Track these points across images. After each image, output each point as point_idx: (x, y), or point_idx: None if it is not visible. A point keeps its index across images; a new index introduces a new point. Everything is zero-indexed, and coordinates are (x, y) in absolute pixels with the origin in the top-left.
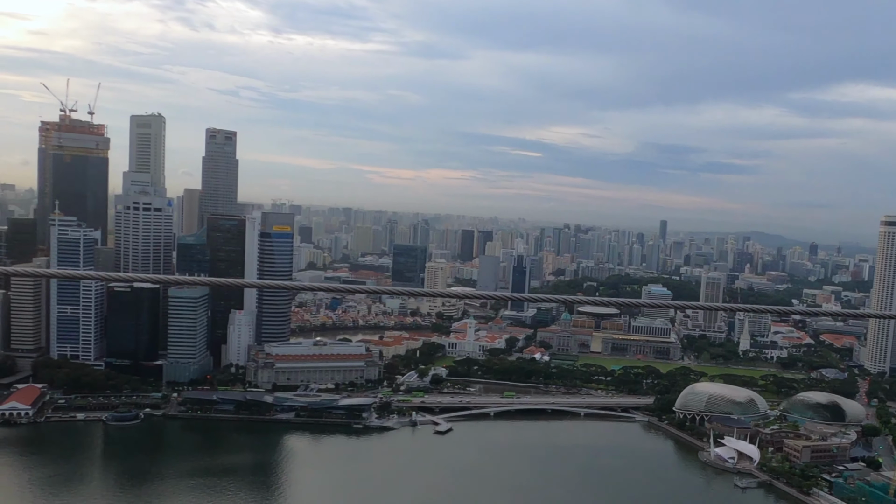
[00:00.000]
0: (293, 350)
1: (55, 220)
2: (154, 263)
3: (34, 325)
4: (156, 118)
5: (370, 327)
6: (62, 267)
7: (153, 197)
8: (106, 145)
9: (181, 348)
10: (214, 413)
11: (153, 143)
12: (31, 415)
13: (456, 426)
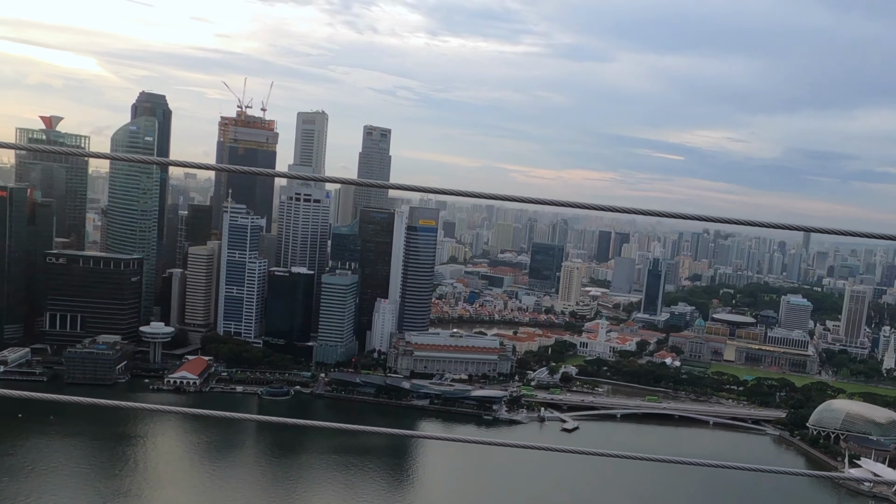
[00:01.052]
0: (431, 340)
1: (227, 208)
2: (311, 251)
3: (205, 303)
4: (319, 115)
5: (505, 322)
6: (232, 250)
7: (313, 189)
8: (275, 140)
9: (330, 332)
10: (356, 395)
11: (316, 138)
12: (197, 384)
13: (582, 425)
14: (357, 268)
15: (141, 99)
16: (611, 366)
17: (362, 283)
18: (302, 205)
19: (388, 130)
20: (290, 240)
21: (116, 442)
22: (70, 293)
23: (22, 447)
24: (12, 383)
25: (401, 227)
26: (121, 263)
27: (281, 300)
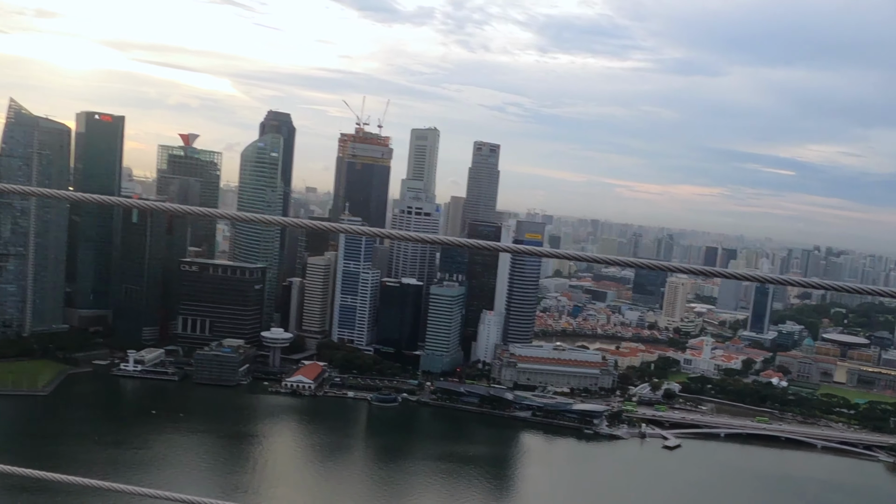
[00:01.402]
0: (535, 352)
1: (344, 220)
2: (420, 263)
3: (321, 310)
4: (432, 131)
5: (608, 337)
6: (347, 260)
7: (424, 202)
8: (389, 155)
9: (437, 341)
10: (460, 404)
11: (428, 153)
12: (312, 388)
13: (684, 443)
14: (464, 280)
15: (268, 117)
16: (715, 384)
17: (469, 295)
18: (413, 218)
19: (497, 146)
20: (401, 252)
21: (238, 440)
22: (201, 299)
23: (155, 441)
24: (148, 381)
25: (507, 239)
26: (246, 272)
27: (391, 310)
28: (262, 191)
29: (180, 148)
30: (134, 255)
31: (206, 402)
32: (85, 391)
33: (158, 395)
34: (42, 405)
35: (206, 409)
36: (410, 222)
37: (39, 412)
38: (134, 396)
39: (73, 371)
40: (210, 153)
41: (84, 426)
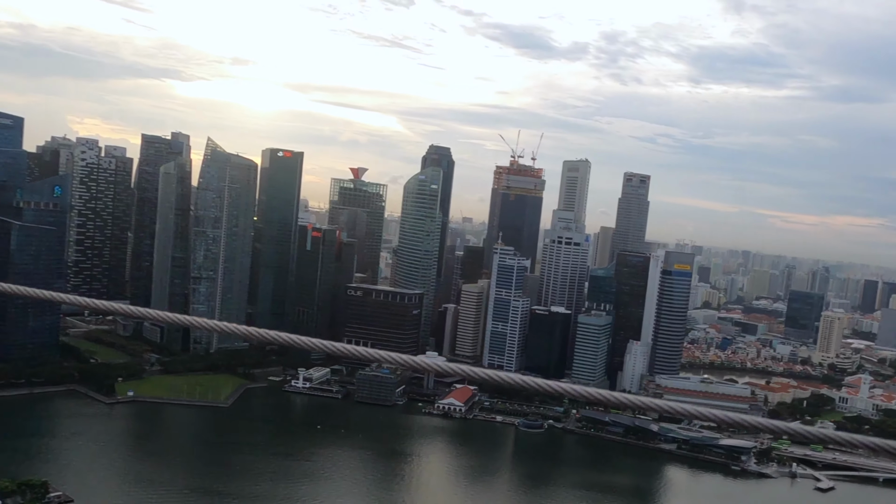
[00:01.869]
0: (681, 384)
1: (497, 250)
2: (569, 291)
3: (473, 336)
4: (583, 163)
5: (757, 371)
6: (499, 288)
7: (574, 233)
8: (542, 187)
9: (583, 369)
10: (605, 433)
11: (579, 185)
12: (463, 411)
13: (839, 486)
14: (611, 309)
15: (430, 151)
16: (873, 425)
17: (616, 324)
18: (563, 248)
19: (647, 176)
20: (551, 280)
21: (393, 458)
22: (364, 321)
23: (320, 455)
24: (315, 397)
25: (656, 270)
26: (405, 297)
27: (540, 337)
28: (423, 221)
29: (350, 181)
30: (307, 280)
31: (366, 420)
32: (260, 405)
33: (323, 411)
34: (224, 416)
35: (365, 427)
36: (560, 252)
37: (221, 422)
38: (302, 411)
39: (250, 385)
40: (376, 185)
41: (258, 437)
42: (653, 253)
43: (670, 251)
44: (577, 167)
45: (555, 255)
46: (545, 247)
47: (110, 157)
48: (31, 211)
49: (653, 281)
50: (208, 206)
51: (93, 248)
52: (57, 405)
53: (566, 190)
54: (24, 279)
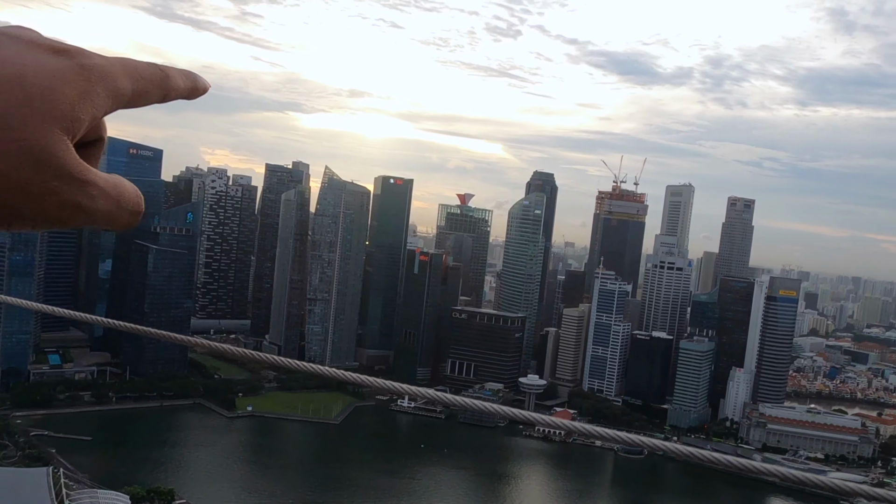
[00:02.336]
0: (786, 414)
1: (599, 274)
2: (671, 316)
3: (574, 360)
4: (686, 188)
5: (868, 402)
6: (600, 312)
7: (677, 258)
8: (644, 211)
9: (685, 396)
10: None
11: (682, 209)
12: (562, 435)
13: None
14: (714, 335)
15: (534, 177)
16: None
17: (718, 351)
18: (665, 272)
19: (751, 201)
20: (652, 305)
21: (493, 479)
22: (468, 344)
23: (422, 473)
24: (419, 417)
25: (760, 296)
26: (508, 321)
27: (641, 362)
28: (526, 245)
29: (457, 206)
30: (414, 302)
31: (468, 441)
32: (368, 422)
33: (427, 431)
34: (334, 432)
35: (467, 447)
36: (662, 277)
37: (331, 438)
38: (406, 430)
39: (359, 404)
40: (482, 211)
41: (365, 454)
42: (757, 278)
43: (775, 277)
44: (680, 192)
45: (657, 280)
46: (647, 271)
47: (237, 186)
48: (167, 236)
49: (757, 307)
50: (324, 231)
51: (219, 271)
52: (183, 417)
53: (669, 215)
54: (159, 298)
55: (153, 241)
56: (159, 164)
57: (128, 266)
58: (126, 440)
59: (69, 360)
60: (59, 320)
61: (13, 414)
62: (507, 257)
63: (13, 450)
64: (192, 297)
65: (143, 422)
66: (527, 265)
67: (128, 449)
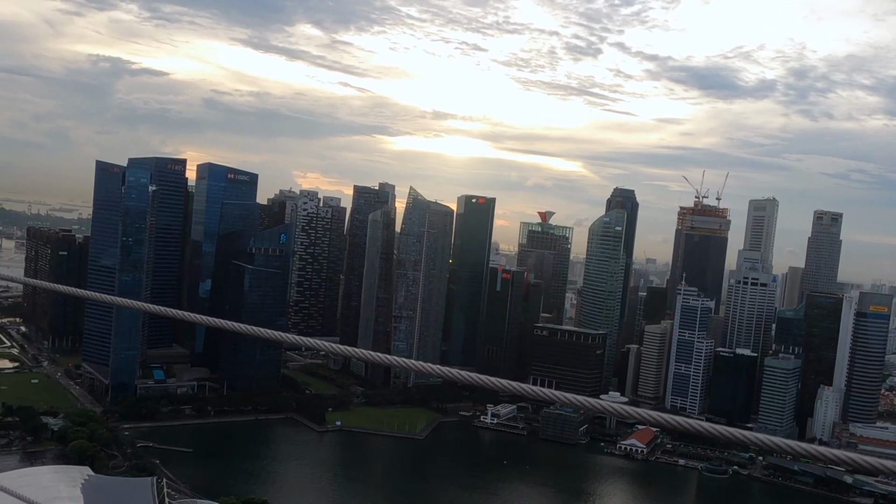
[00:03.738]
0: (879, 434)
1: (681, 290)
2: (755, 333)
3: (656, 377)
4: (770, 202)
5: None
6: (682, 329)
7: (761, 273)
8: (727, 227)
9: (771, 415)
10: (793, 483)
11: (766, 224)
12: (644, 452)
13: None
14: (801, 352)
15: (614, 194)
16: None
17: (805, 368)
18: (749, 288)
19: (838, 214)
20: (736, 322)
21: (575, 496)
22: (549, 360)
23: (505, 489)
24: (501, 433)
25: (849, 312)
26: (589, 337)
27: (725, 380)
28: (607, 262)
29: (538, 224)
30: (496, 319)
31: (549, 458)
32: (451, 438)
33: (509, 447)
34: (418, 447)
35: (549, 464)
36: (746, 293)
37: (416, 453)
38: (489, 446)
39: (443, 420)
40: (563, 228)
41: (448, 469)
42: (846, 294)
43: (865, 292)
44: (763, 206)
45: (740, 296)
46: (730, 287)
47: (327, 207)
48: (262, 256)
49: (846, 323)
50: (409, 250)
51: (310, 290)
52: (276, 431)
53: (752, 230)
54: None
55: (249, 261)
56: (255, 187)
57: (226, 285)
58: (223, 452)
59: (172, 376)
60: (164, 337)
61: (122, 426)
62: (588, 274)
63: (121, 460)
64: (286, 315)
65: (239, 435)
66: (608, 282)
67: (225, 460)
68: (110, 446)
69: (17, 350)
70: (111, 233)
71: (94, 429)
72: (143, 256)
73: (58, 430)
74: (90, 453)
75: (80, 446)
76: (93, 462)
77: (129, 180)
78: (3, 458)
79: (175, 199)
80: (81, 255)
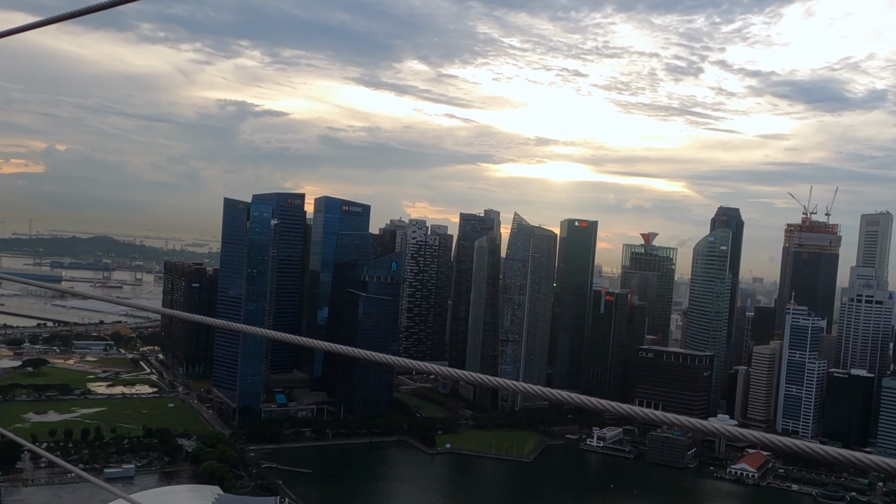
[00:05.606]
0: None
1: (790, 309)
2: (871, 353)
3: (766, 399)
4: (884, 216)
5: None
6: (793, 350)
7: (875, 290)
8: (837, 243)
9: (891, 437)
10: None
11: (879, 239)
12: (755, 477)
13: None
14: None
15: (718, 213)
16: None
17: None
18: (864, 306)
19: None
20: (850, 341)
21: None
22: (655, 382)
23: None
24: (608, 456)
25: None
26: (696, 359)
27: (839, 401)
28: (712, 282)
29: (641, 246)
30: (600, 342)
31: (657, 482)
32: (558, 461)
33: (616, 471)
34: (526, 470)
35: (657, 489)
36: (860, 311)
37: (524, 475)
38: (596, 469)
39: (550, 442)
40: (666, 249)
41: (556, 492)
42: None
43: None
44: (876, 220)
45: (854, 315)
46: (843, 305)
47: (435, 235)
48: (374, 284)
49: None
50: (515, 275)
51: (420, 315)
52: (389, 453)
53: (865, 245)
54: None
55: (363, 289)
56: (367, 218)
57: (342, 312)
58: (341, 473)
59: (293, 400)
60: (285, 363)
61: (248, 447)
62: (693, 295)
63: (248, 480)
64: (397, 340)
65: (354, 456)
66: (714, 302)
67: (342, 481)
68: (238, 467)
69: (156, 376)
70: (237, 265)
71: (223, 450)
72: (266, 286)
73: (191, 452)
74: (220, 473)
75: (210, 466)
76: (222, 481)
77: (254, 215)
78: (144, 477)
79: (295, 232)
80: (212, 287)
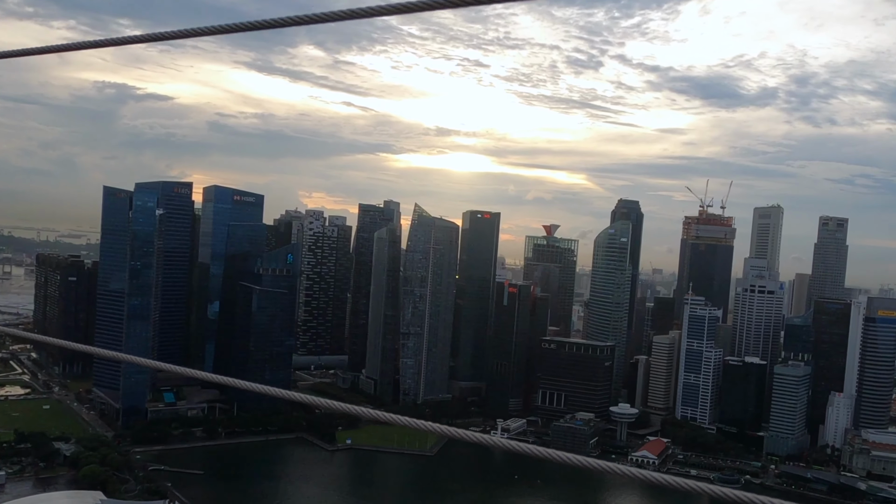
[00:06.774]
0: (891, 439)
1: (688, 300)
2: (764, 341)
3: (665, 388)
4: (775, 209)
5: None
6: (691, 339)
7: (768, 281)
8: (732, 235)
9: (782, 423)
10: (807, 491)
11: (771, 231)
12: (656, 464)
13: None
14: (810, 359)
15: (619, 205)
16: None
17: (815, 375)
18: (756, 296)
19: (844, 220)
20: (744, 330)
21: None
22: (558, 374)
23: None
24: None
25: (858, 318)
26: (597, 350)
27: (734, 388)
28: (613, 274)
29: (543, 238)
30: (504, 333)
31: (560, 471)
32: (461, 454)
33: (520, 462)
34: (429, 464)
35: (560, 478)
36: (753, 301)
37: (426, 470)
38: (500, 461)
39: None
40: (568, 241)
41: (459, 485)
42: (854, 299)
43: (873, 297)
44: (768, 213)
45: (748, 304)
46: (737, 296)
47: (333, 226)
48: (269, 277)
49: (855, 329)
50: (416, 267)
51: (318, 309)
52: (287, 451)
53: (758, 237)
54: (262, 337)
55: (257, 282)
56: (261, 208)
57: (234, 307)
58: (234, 473)
59: (182, 398)
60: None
61: (133, 450)
62: (595, 286)
63: (133, 484)
64: (294, 335)
65: (249, 455)
66: (614, 293)
67: (236, 482)
68: (122, 470)
69: (28, 376)
70: (119, 257)
71: (106, 453)
72: (151, 280)
73: (70, 456)
74: (102, 478)
75: (92, 471)
76: (105, 486)
77: (137, 205)
78: (17, 485)
79: (182, 223)
80: (91, 281)
